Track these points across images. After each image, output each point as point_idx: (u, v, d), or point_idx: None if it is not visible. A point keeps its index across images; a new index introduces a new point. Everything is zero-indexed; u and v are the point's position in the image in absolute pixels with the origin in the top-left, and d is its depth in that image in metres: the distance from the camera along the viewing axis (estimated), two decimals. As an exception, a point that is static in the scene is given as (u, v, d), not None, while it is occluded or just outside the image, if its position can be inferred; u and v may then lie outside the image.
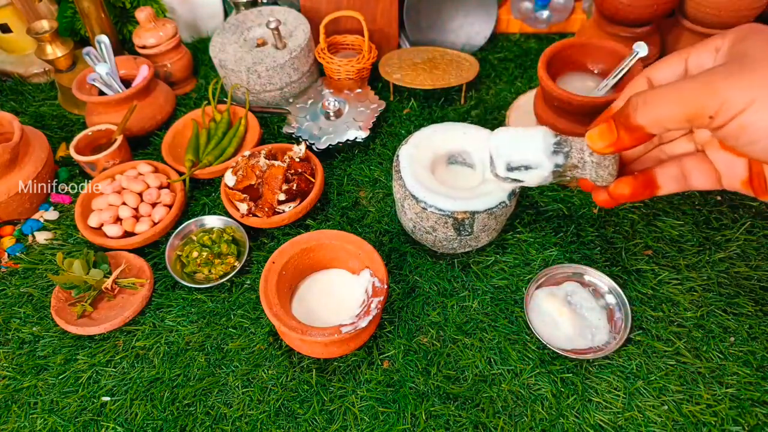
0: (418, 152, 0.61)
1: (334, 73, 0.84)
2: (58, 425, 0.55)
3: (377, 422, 0.52)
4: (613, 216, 0.66)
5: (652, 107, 0.33)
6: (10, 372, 0.59)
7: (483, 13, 0.90)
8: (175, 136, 0.79)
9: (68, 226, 0.73)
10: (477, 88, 0.86)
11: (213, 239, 0.66)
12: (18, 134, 0.70)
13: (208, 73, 0.95)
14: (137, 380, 0.57)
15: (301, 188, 0.67)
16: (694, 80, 0.32)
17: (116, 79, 0.82)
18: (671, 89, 0.32)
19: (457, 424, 0.52)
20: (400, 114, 0.82)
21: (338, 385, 0.55)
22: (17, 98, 0.92)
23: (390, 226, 0.68)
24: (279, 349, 0.58)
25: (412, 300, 0.61)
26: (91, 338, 0.61)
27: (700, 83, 0.31)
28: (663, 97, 0.33)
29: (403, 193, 0.59)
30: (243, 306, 0.62)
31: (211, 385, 0.56)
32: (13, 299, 0.66)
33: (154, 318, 0.62)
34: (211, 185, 0.76)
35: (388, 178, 0.74)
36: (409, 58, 0.84)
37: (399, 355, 0.57)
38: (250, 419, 0.53)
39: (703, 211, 0.65)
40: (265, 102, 0.85)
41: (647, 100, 0.33)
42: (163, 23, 0.87)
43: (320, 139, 0.76)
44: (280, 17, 0.86)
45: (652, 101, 0.33)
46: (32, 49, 0.93)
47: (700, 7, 0.72)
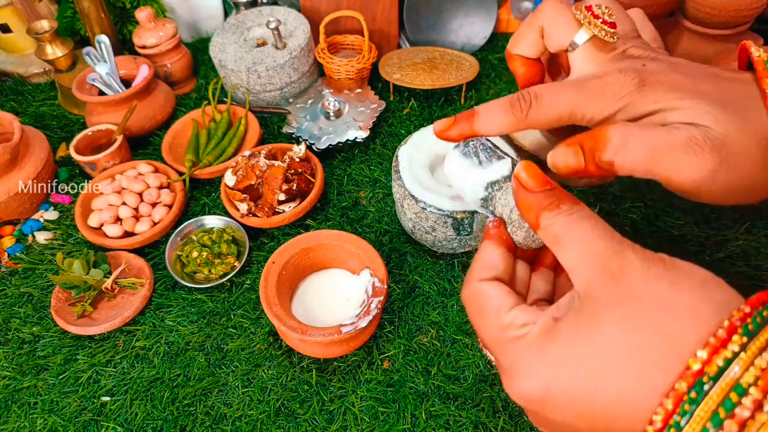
0: (418, 152, 0.61)
1: (334, 73, 0.84)
2: (58, 425, 0.55)
3: (377, 422, 0.52)
4: (613, 216, 0.66)
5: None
6: (10, 372, 0.59)
7: (483, 13, 0.90)
8: (175, 136, 0.79)
9: (68, 226, 0.73)
10: (477, 88, 0.86)
11: (213, 239, 0.66)
12: (18, 134, 0.70)
13: (208, 73, 0.95)
14: (137, 380, 0.57)
15: (301, 188, 0.67)
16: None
17: (116, 79, 0.82)
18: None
19: (457, 424, 0.52)
20: (400, 114, 0.82)
21: (338, 385, 0.55)
22: (17, 98, 0.92)
23: (390, 226, 0.68)
24: (279, 349, 0.58)
25: (412, 300, 0.61)
26: (91, 338, 0.61)
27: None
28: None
29: (402, 193, 0.59)
30: (243, 306, 0.62)
31: (211, 385, 0.56)
32: (13, 299, 0.66)
33: (154, 318, 0.62)
34: (211, 185, 0.76)
35: (388, 178, 0.74)
36: (409, 58, 0.84)
37: (399, 355, 0.57)
38: (250, 419, 0.53)
39: (703, 211, 0.65)
40: (265, 102, 0.85)
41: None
42: (163, 23, 0.87)
43: (320, 139, 0.76)
44: (280, 17, 0.86)
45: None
46: (32, 49, 0.93)
47: (700, 7, 0.72)
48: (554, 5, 0.37)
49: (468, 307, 0.32)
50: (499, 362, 0.29)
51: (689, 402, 0.22)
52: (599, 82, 0.33)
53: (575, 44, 0.36)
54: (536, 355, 0.27)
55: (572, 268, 0.28)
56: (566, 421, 0.26)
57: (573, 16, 0.36)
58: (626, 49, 0.35)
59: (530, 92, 0.34)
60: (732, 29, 0.73)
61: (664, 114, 0.31)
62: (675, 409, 0.22)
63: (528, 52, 0.40)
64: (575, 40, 0.36)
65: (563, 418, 0.26)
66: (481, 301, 0.31)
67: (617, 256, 0.26)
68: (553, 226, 0.29)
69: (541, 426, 0.29)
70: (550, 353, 0.27)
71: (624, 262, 0.26)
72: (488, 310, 0.31)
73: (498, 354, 0.29)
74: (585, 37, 0.35)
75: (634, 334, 0.24)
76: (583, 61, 0.35)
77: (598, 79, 0.33)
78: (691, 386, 0.22)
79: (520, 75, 0.41)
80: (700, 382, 0.22)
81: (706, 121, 0.30)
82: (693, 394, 0.22)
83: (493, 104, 0.34)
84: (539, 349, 0.27)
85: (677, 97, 0.31)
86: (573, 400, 0.26)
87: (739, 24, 0.73)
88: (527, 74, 0.41)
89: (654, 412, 0.23)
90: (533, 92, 0.34)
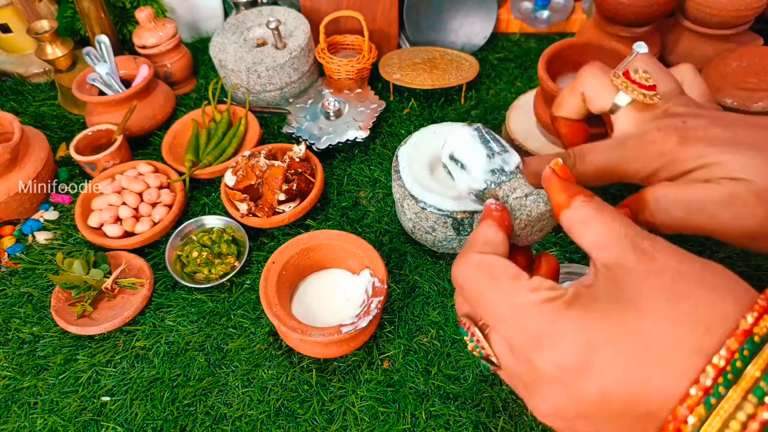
0: (418, 152, 0.61)
1: (334, 73, 0.84)
2: (58, 425, 0.55)
3: (377, 422, 0.52)
4: (613, 216, 0.66)
5: None
6: (10, 372, 0.59)
7: (483, 13, 0.90)
8: (175, 136, 0.79)
9: (68, 226, 0.73)
10: (477, 88, 0.86)
11: (213, 239, 0.66)
12: (18, 134, 0.70)
13: (208, 73, 0.95)
14: (137, 380, 0.57)
15: (301, 188, 0.67)
16: None
17: (116, 79, 0.82)
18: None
19: (457, 424, 0.52)
20: (400, 114, 0.82)
21: (338, 385, 0.55)
22: (17, 98, 0.92)
23: (390, 226, 0.68)
24: (279, 349, 0.58)
25: (412, 300, 0.61)
26: (91, 338, 0.61)
27: None
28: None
29: (402, 193, 0.59)
30: (243, 306, 0.62)
31: (211, 385, 0.56)
32: (13, 299, 0.66)
33: (154, 318, 0.62)
34: (211, 185, 0.76)
35: (388, 178, 0.74)
36: (409, 58, 0.84)
37: (399, 355, 0.57)
38: (250, 419, 0.53)
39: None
40: (265, 102, 0.85)
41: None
42: (163, 23, 0.87)
43: (320, 139, 0.76)
44: (280, 17, 0.86)
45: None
46: (32, 49, 0.93)
47: (700, 7, 0.72)
48: (592, 72, 0.39)
49: (474, 277, 0.29)
50: (522, 332, 0.26)
51: (740, 359, 0.22)
52: (639, 142, 0.34)
53: (617, 106, 0.37)
54: (572, 319, 0.25)
55: (603, 244, 0.27)
56: (603, 389, 0.24)
57: (611, 82, 0.37)
58: (668, 108, 0.35)
59: (574, 152, 0.36)
60: (732, 29, 0.73)
61: (706, 170, 0.32)
62: (726, 366, 0.22)
63: (571, 115, 0.42)
64: (617, 102, 0.37)
65: (599, 386, 0.24)
66: (495, 270, 0.29)
67: (648, 238, 0.26)
68: (587, 206, 0.29)
69: (569, 400, 0.25)
70: (588, 316, 0.25)
71: (655, 243, 0.26)
72: (505, 276, 0.28)
73: (522, 322, 0.26)
74: (626, 100, 0.36)
75: (680, 300, 0.24)
76: (625, 121, 0.37)
77: (637, 138, 0.34)
78: (743, 344, 0.22)
79: (564, 135, 0.43)
80: (751, 339, 0.22)
81: (749, 175, 0.30)
82: (745, 351, 0.22)
83: (542, 160, 0.36)
84: (576, 312, 0.25)
85: (719, 151, 0.31)
86: (613, 363, 0.24)
87: (739, 24, 0.73)
88: (571, 134, 0.43)
89: (702, 370, 0.22)
90: (577, 152, 0.36)
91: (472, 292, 0.29)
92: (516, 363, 0.27)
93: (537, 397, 0.26)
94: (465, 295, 0.30)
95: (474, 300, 0.29)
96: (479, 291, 0.29)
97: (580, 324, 0.25)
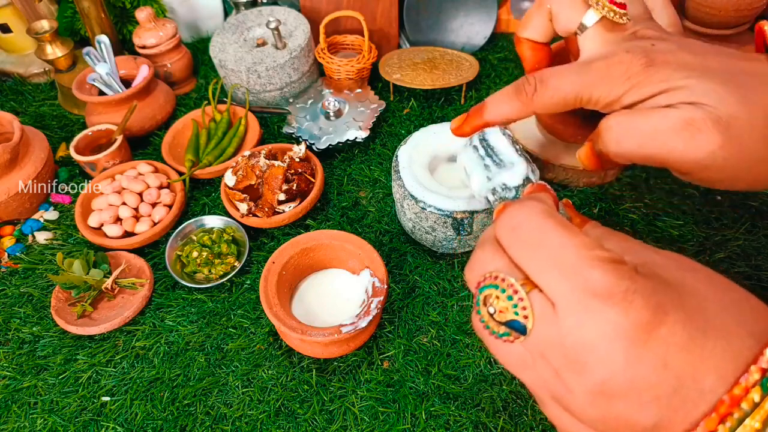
0: (418, 152, 0.61)
1: (334, 73, 0.84)
2: (58, 425, 0.55)
3: (377, 422, 0.52)
4: (613, 216, 0.66)
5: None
6: (10, 372, 0.59)
7: (483, 13, 0.90)
8: (175, 136, 0.79)
9: (68, 226, 0.73)
10: (477, 88, 0.86)
11: (213, 239, 0.66)
12: (18, 134, 0.70)
13: (208, 73, 0.95)
14: (137, 380, 0.57)
15: (301, 188, 0.67)
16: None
17: (116, 79, 0.82)
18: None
19: (457, 424, 0.52)
20: (400, 114, 0.82)
21: (338, 385, 0.55)
22: (17, 98, 0.92)
23: (390, 226, 0.68)
24: (279, 349, 0.58)
25: (412, 300, 0.61)
26: (91, 338, 0.61)
27: None
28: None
29: (402, 193, 0.59)
30: (243, 306, 0.62)
31: (211, 385, 0.56)
32: (13, 299, 0.66)
33: (154, 318, 0.62)
34: (211, 185, 0.76)
35: (388, 178, 0.74)
36: (409, 58, 0.84)
37: (399, 355, 0.57)
38: (250, 419, 0.53)
39: (703, 211, 0.65)
40: (265, 102, 0.85)
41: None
42: (163, 23, 0.87)
43: (320, 139, 0.76)
44: (280, 17, 0.86)
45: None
46: (32, 49, 0.93)
47: (700, 7, 0.72)
48: None
49: (539, 218, 0.26)
50: (586, 284, 0.23)
51: None
52: (605, 63, 0.32)
53: (584, 26, 0.35)
54: (643, 282, 0.23)
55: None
56: (665, 357, 0.22)
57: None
58: (637, 30, 0.34)
59: (535, 76, 0.33)
60: (732, 29, 0.73)
61: (669, 94, 0.30)
62: None
63: (536, 36, 0.39)
64: (584, 22, 0.35)
65: (662, 353, 0.22)
66: (562, 218, 0.26)
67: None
68: (594, 229, 0.29)
69: (625, 369, 0.22)
70: (655, 284, 0.24)
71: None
72: (573, 227, 0.26)
73: (587, 274, 0.24)
74: (594, 18, 0.34)
75: (726, 292, 0.24)
76: (593, 42, 0.35)
77: (604, 60, 0.32)
78: None
79: (527, 60, 0.41)
80: None
81: (710, 100, 0.29)
82: None
83: (500, 93, 0.34)
84: (644, 280, 0.24)
85: (684, 76, 0.30)
86: (681, 330, 0.22)
87: (739, 24, 0.73)
88: (534, 59, 0.41)
89: (761, 353, 0.22)
90: (538, 76, 0.33)
91: (533, 233, 0.25)
92: (554, 328, 0.24)
93: (578, 371, 0.23)
94: (523, 237, 0.26)
95: (534, 242, 0.25)
96: (544, 233, 0.25)
97: (652, 287, 0.23)
